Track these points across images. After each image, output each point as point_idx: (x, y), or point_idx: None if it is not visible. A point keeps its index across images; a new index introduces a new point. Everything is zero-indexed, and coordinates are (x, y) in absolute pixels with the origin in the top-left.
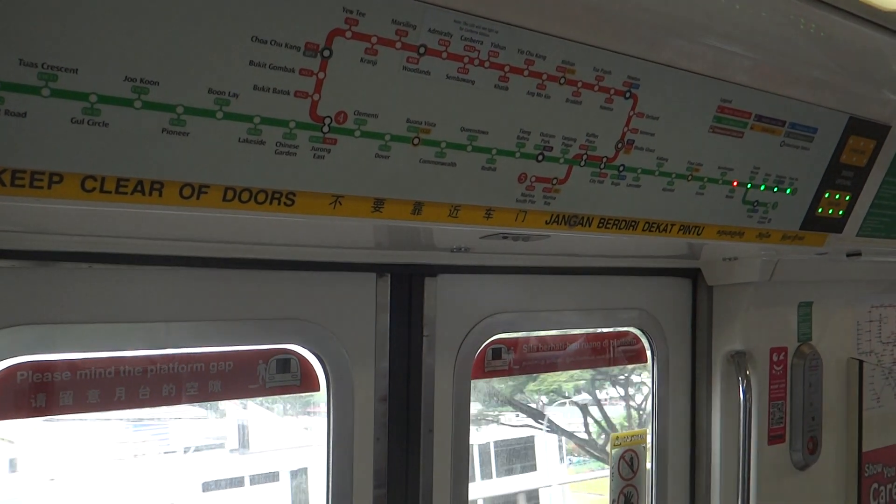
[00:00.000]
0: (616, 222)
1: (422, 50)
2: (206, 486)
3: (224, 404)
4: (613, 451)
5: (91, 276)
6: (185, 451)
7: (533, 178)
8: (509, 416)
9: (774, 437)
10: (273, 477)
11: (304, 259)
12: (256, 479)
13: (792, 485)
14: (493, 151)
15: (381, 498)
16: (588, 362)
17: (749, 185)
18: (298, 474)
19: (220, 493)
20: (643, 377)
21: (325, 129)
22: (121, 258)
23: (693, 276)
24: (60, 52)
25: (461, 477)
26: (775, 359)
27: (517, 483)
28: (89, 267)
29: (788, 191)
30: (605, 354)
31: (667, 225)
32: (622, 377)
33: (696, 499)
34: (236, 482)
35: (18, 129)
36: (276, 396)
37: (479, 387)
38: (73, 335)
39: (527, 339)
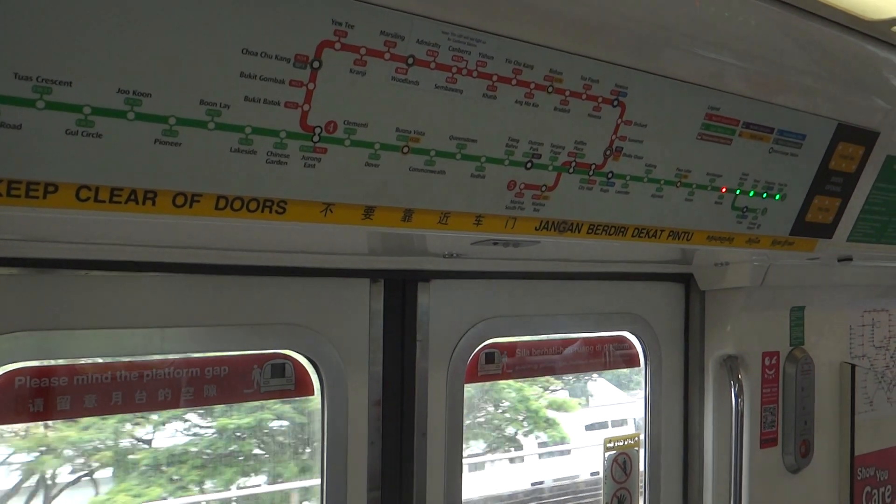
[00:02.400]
0: (605, 228)
1: (410, 60)
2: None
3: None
4: (607, 455)
5: (88, 282)
6: None
7: (522, 186)
8: None
9: (767, 441)
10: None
11: (299, 265)
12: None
13: (784, 488)
14: (482, 159)
15: (375, 501)
16: (581, 366)
17: (738, 192)
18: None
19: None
20: None
21: (316, 138)
22: (117, 265)
23: (685, 280)
24: (54, 65)
25: (455, 480)
26: (767, 363)
27: None
28: (86, 274)
29: (777, 197)
30: (598, 359)
31: (656, 231)
32: None
33: (688, 502)
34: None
35: (14, 141)
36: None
37: None
38: (70, 341)
39: (520, 344)
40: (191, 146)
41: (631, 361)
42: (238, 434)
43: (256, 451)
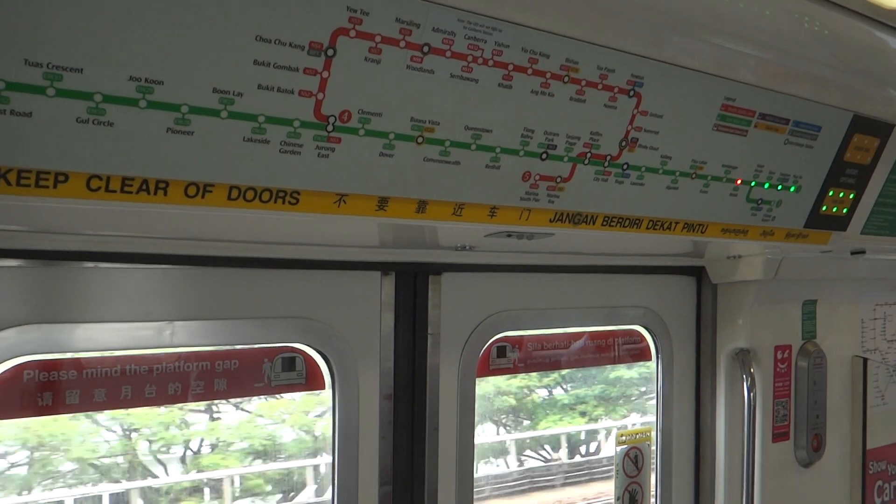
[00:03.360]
0: (620, 220)
1: (426, 49)
2: None
3: None
4: (618, 449)
5: (97, 275)
6: None
7: (537, 177)
8: None
9: (779, 435)
10: None
11: (309, 258)
12: None
13: (796, 482)
14: (497, 150)
15: (387, 495)
16: (593, 360)
17: (753, 184)
18: None
19: None
20: None
21: (330, 127)
22: (126, 257)
23: (697, 274)
24: (65, 51)
25: (466, 474)
26: (779, 356)
27: None
28: (95, 266)
29: (792, 189)
30: (609, 352)
31: (671, 223)
32: None
33: (700, 496)
34: None
35: (24, 129)
36: None
37: None
38: (78, 334)
39: (531, 338)
40: (203, 135)
41: (642, 355)
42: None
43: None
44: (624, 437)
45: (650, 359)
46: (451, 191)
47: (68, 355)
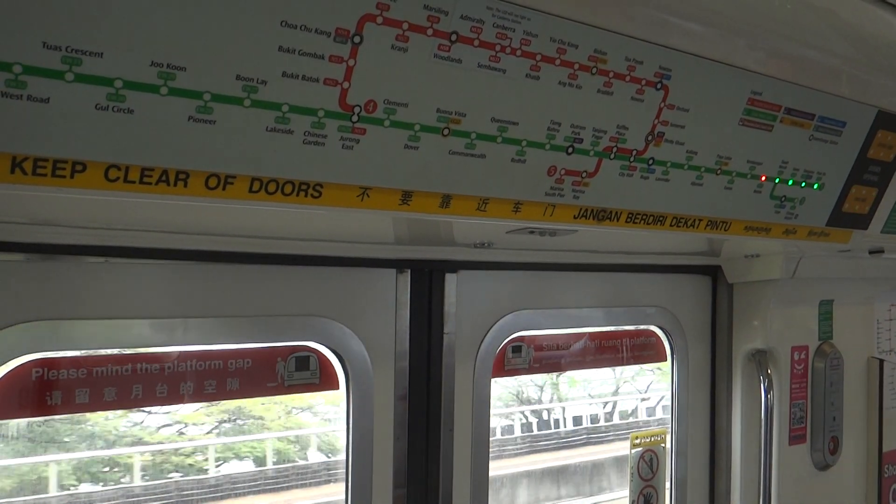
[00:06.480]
0: (644, 217)
1: (453, 37)
2: None
3: None
4: (633, 452)
5: (107, 270)
6: None
7: (562, 171)
8: None
9: (795, 438)
10: None
11: (324, 254)
12: None
13: (813, 486)
14: (523, 143)
15: (401, 498)
16: (607, 360)
17: (777, 180)
18: None
19: None
20: None
21: (355, 118)
22: (137, 252)
23: (713, 273)
24: (85, 35)
25: (481, 476)
26: (796, 357)
27: None
28: (105, 261)
29: (816, 186)
30: (623, 352)
31: (694, 220)
32: None
33: (715, 500)
34: None
35: (41, 116)
36: None
37: None
38: (88, 331)
39: (546, 337)
40: (226, 124)
41: (657, 356)
42: None
43: None
44: (638, 440)
45: (665, 359)
46: (475, 185)
47: (77, 353)
